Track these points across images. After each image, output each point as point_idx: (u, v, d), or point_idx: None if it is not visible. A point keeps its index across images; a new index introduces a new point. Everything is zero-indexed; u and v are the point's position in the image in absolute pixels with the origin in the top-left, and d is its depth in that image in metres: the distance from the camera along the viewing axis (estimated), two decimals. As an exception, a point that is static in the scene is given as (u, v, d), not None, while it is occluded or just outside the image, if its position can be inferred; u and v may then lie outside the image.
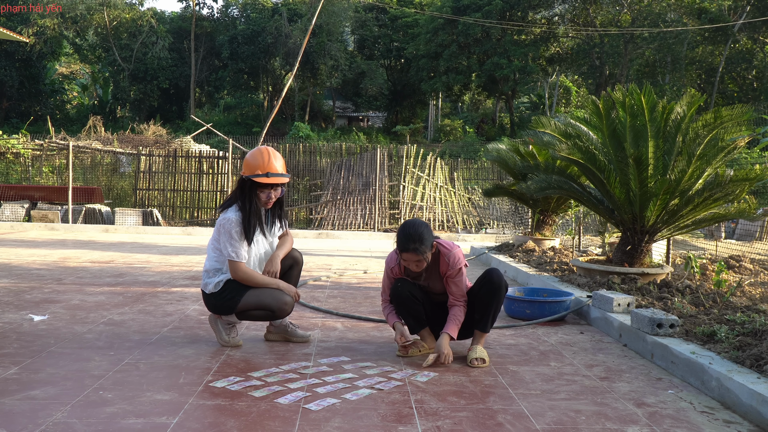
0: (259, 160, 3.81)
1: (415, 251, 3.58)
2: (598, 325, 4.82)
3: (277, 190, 3.87)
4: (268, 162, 3.80)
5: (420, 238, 3.58)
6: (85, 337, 4.11)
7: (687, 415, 2.95)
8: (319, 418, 2.78)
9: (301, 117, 43.01)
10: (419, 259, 3.62)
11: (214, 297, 3.86)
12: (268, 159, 3.81)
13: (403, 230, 3.65)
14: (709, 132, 5.58)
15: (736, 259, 7.32)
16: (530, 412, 2.93)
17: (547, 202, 9.62)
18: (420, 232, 3.60)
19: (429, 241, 3.63)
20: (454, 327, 3.70)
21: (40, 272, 7.08)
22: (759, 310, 4.44)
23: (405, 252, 3.62)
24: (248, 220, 3.80)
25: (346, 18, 42.50)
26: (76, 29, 43.31)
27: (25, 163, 18.45)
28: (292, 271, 4.11)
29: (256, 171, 3.79)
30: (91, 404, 2.87)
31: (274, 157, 3.84)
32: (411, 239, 3.59)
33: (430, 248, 3.65)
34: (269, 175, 3.78)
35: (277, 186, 3.85)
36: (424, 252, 3.60)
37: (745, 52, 37.05)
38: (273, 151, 3.87)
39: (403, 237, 3.63)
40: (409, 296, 3.77)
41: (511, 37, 38.55)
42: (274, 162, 3.82)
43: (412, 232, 3.60)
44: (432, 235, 3.68)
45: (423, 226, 3.66)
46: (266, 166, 3.80)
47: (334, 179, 16.84)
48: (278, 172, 3.82)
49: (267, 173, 3.78)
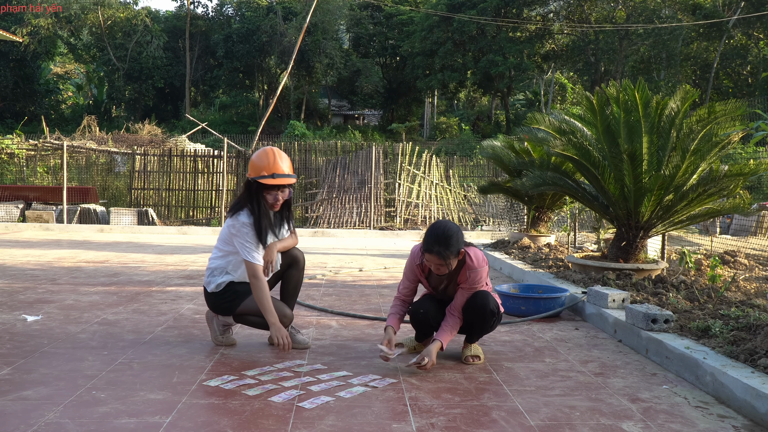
0: (264, 161, 3.71)
1: (439, 255, 3.41)
2: (593, 321, 4.82)
3: (284, 191, 3.78)
4: (273, 163, 3.71)
5: (447, 242, 3.41)
6: (78, 337, 4.10)
7: (681, 410, 2.94)
8: (313, 416, 2.77)
9: (297, 115, 42.95)
10: (441, 264, 3.45)
11: (215, 296, 3.83)
12: (274, 160, 3.71)
13: (432, 230, 3.49)
14: (703, 127, 5.58)
15: (731, 254, 7.34)
16: (525, 408, 2.93)
17: (542, 199, 9.62)
18: (448, 236, 3.43)
19: (456, 248, 3.44)
20: (447, 336, 3.57)
21: (35, 272, 7.06)
22: (753, 305, 4.45)
23: (428, 253, 3.45)
24: (259, 224, 3.71)
25: (341, 16, 42.44)
26: (71, 29, 43.18)
27: (19, 164, 18.39)
28: (290, 271, 4.01)
29: (262, 172, 3.70)
30: (83, 404, 2.86)
31: (279, 157, 3.74)
32: (437, 242, 3.42)
33: (456, 255, 3.46)
34: (275, 176, 3.68)
35: (283, 187, 3.76)
36: (448, 258, 3.43)
37: (739, 47, 37.13)
38: (279, 152, 3.77)
39: (429, 237, 3.46)
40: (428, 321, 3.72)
41: (506, 34, 38.54)
42: (279, 163, 3.72)
43: (440, 234, 3.44)
44: (462, 241, 3.49)
45: (454, 231, 3.47)
46: (272, 167, 3.70)
47: (329, 177, 16.82)
48: (284, 173, 3.72)
49: (273, 174, 3.68)
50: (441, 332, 3.57)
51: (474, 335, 3.74)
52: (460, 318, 3.63)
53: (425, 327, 3.78)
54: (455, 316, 3.62)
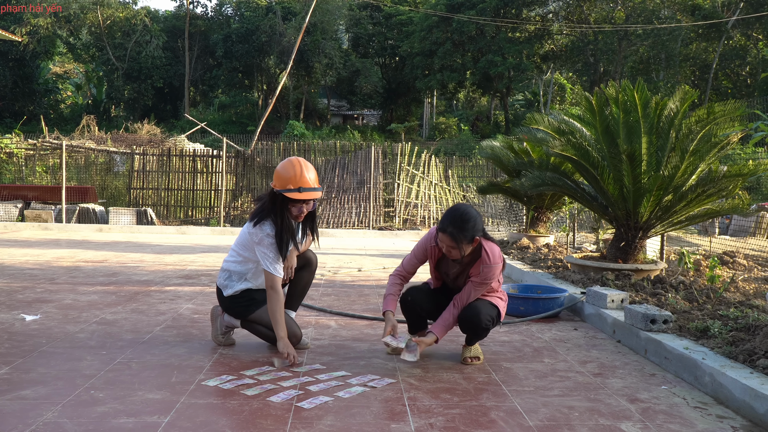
0: (290, 173, 3.58)
1: (452, 236, 3.37)
2: (591, 322, 4.82)
3: (309, 203, 3.68)
4: (300, 176, 3.57)
5: (462, 225, 3.36)
6: (77, 336, 4.09)
7: (680, 411, 2.94)
8: (311, 416, 2.77)
9: (296, 115, 42.94)
10: (453, 246, 3.40)
11: (230, 300, 3.80)
12: (301, 172, 3.58)
13: (451, 211, 3.45)
14: (702, 128, 5.59)
15: (730, 254, 7.34)
16: (523, 408, 2.93)
17: (541, 199, 9.63)
18: (465, 219, 3.38)
19: (471, 233, 3.38)
20: (442, 329, 3.52)
21: (33, 272, 7.05)
22: (752, 305, 4.45)
23: (442, 232, 3.41)
24: (281, 237, 3.63)
25: (340, 16, 42.42)
26: (70, 28, 43.14)
27: (18, 163, 18.37)
28: (302, 272, 3.96)
29: (288, 185, 3.57)
30: (82, 404, 2.85)
31: (306, 169, 3.60)
32: (453, 222, 3.38)
33: (470, 241, 3.41)
34: (302, 190, 3.56)
35: (309, 200, 3.67)
36: (461, 241, 3.37)
37: (738, 48, 37.16)
38: (304, 163, 3.64)
39: (447, 217, 3.42)
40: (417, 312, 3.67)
41: (505, 35, 38.55)
42: (306, 175, 3.58)
43: (457, 216, 3.39)
44: (479, 229, 3.42)
45: (472, 216, 3.42)
46: (298, 179, 3.57)
47: (328, 177, 16.82)
48: (311, 187, 3.59)
49: (299, 188, 3.56)
50: (437, 324, 3.53)
51: (471, 339, 3.70)
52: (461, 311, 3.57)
53: (414, 315, 3.74)
54: (458, 308, 3.55)
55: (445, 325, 3.54)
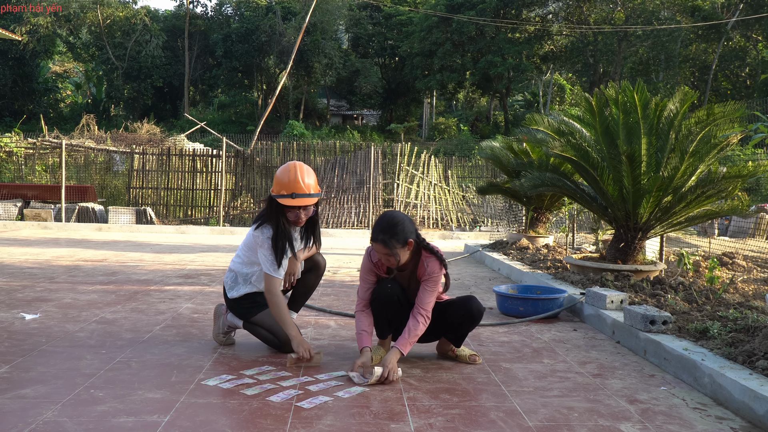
0: (285, 178, 3.54)
1: (384, 243, 3.31)
2: (591, 322, 4.82)
3: (307, 209, 3.61)
4: (294, 181, 3.52)
5: (392, 231, 3.31)
6: (76, 335, 4.09)
7: (679, 412, 2.95)
8: (311, 416, 2.77)
9: (296, 115, 42.94)
10: (388, 253, 3.33)
11: (233, 301, 3.82)
12: (295, 177, 3.52)
13: (379, 220, 3.40)
14: (701, 129, 5.59)
15: (729, 256, 7.35)
16: (523, 409, 2.93)
17: (540, 200, 9.63)
18: (393, 224, 3.33)
19: (403, 237, 3.32)
20: (406, 343, 3.34)
21: (33, 271, 7.05)
22: (751, 306, 4.45)
23: (374, 242, 3.36)
24: (276, 243, 3.58)
25: (340, 16, 42.42)
26: (70, 28, 43.11)
27: (18, 162, 18.37)
28: (308, 275, 3.93)
29: (282, 190, 3.53)
30: (81, 403, 2.85)
31: (302, 174, 3.54)
32: (381, 230, 3.33)
33: (403, 245, 3.34)
34: (294, 196, 3.51)
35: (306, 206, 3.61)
36: (394, 247, 3.31)
37: (738, 49, 37.18)
38: (302, 168, 3.58)
39: (375, 226, 3.38)
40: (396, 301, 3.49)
41: (505, 35, 38.55)
42: (301, 181, 3.52)
43: (385, 223, 3.34)
44: (412, 232, 3.37)
45: (400, 219, 3.36)
46: (292, 185, 3.52)
47: (328, 177, 16.82)
48: (305, 193, 3.53)
49: (292, 194, 3.52)
50: (400, 338, 3.36)
51: (458, 339, 3.64)
52: (427, 319, 3.41)
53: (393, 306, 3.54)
54: (422, 316, 3.39)
55: (409, 338, 3.36)
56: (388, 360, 3.27)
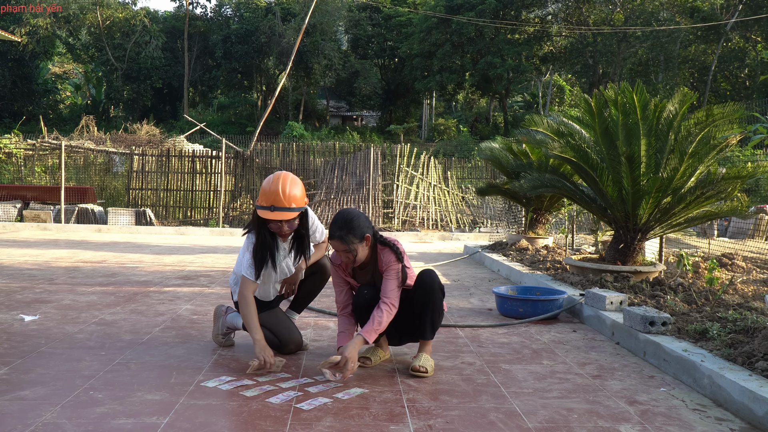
0: (266, 189, 3.45)
1: (341, 239, 3.33)
2: (590, 324, 4.82)
3: (290, 222, 3.51)
4: (275, 193, 3.41)
5: (348, 226, 3.33)
6: (76, 337, 4.09)
7: (679, 413, 2.95)
8: (310, 418, 2.77)
9: (295, 116, 42.95)
10: (346, 249, 3.35)
11: (236, 303, 3.82)
12: (277, 189, 3.41)
13: (335, 218, 3.40)
14: (701, 130, 5.59)
15: (729, 257, 7.35)
16: (522, 410, 2.93)
17: (540, 201, 9.63)
18: (349, 220, 3.35)
19: (359, 231, 3.34)
20: (371, 330, 3.28)
21: (32, 272, 7.04)
22: (751, 307, 4.45)
23: (331, 239, 3.37)
24: (255, 253, 3.52)
25: (339, 17, 42.44)
26: (69, 29, 43.14)
27: (17, 163, 18.37)
28: (313, 277, 3.91)
29: (263, 202, 3.44)
30: (81, 404, 2.85)
31: (284, 186, 3.43)
32: (337, 226, 3.35)
33: (360, 240, 3.36)
34: (273, 209, 3.42)
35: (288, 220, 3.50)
36: (351, 242, 3.33)
37: (737, 50, 37.20)
38: (286, 180, 3.47)
39: (332, 224, 3.38)
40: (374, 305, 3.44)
41: (504, 36, 38.58)
42: (281, 193, 3.41)
43: (340, 220, 3.36)
44: (367, 227, 3.39)
45: (356, 216, 3.39)
46: (272, 197, 3.41)
47: (327, 178, 16.82)
48: (284, 206, 3.42)
49: (272, 206, 3.41)
50: (366, 325, 3.32)
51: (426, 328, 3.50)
52: (391, 306, 3.36)
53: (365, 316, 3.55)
54: (386, 304, 3.35)
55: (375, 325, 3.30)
56: (348, 348, 3.25)
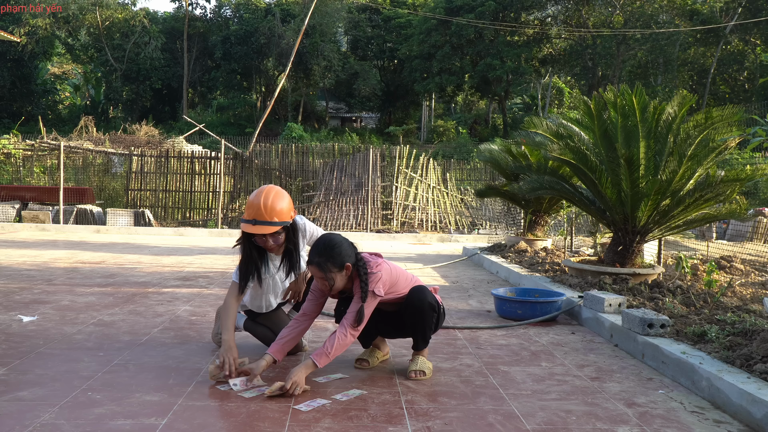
0: (250, 203, 3.41)
1: (318, 266, 3.15)
2: (589, 326, 4.82)
3: (275, 236, 3.45)
4: (257, 207, 3.36)
5: (328, 253, 3.14)
6: (74, 338, 4.09)
7: (677, 415, 2.95)
8: (308, 419, 2.77)
9: (294, 118, 42.94)
10: (322, 277, 3.17)
11: None
12: (259, 203, 3.37)
13: (316, 242, 3.24)
14: (700, 132, 5.60)
15: (727, 259, 7.35)
16: (521, 412, 2.93)
17: (539, 203, 9.63)
18: (330, 246, 3.16)
19: (339, 260, 3.14)
20: (321, 354, 3.11)
21: (30, 273, 7.04)
22: (749, 310, 4.46)
23: (309, 264, 3.19)
24: (240, 267, 3.50)
25: (339, 19, 42.48)
26: (68, 29, 43.14)
27: (16, 164, 18.35)
28: None
29: (245, 215, 3.41)
30: (79, 405, 2.85)
31: (268, 200, 3.38)
32: (317, 252, 3.17)
33: (340, 269, 3.16)
34: (255, 223, 3.36)
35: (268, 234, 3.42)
36: (329, 270, 3.14)
37: (736, 53, 37.26)
38: (269, 194, 3.42)
39: (312, 248, 3.23)
40: None
41: (504, 38, 38.61)
42: (264, 207, 3.36)
43: (321, 245, 3.18)
44: (348, 256, 3.18)
45: (339, 243, 3.19)
46: (254, 211, 3.37)
47: (326, 180, 16.82)
48: (265, 220, 3.36)
49: (254, 220, 3.37)
50: (318, 349, 3.16)
51: (418, 340, 3.46)
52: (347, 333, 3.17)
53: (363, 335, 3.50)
54: (344, 327, 3.17)
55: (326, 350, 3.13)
56: (295, 372, 3.07)
